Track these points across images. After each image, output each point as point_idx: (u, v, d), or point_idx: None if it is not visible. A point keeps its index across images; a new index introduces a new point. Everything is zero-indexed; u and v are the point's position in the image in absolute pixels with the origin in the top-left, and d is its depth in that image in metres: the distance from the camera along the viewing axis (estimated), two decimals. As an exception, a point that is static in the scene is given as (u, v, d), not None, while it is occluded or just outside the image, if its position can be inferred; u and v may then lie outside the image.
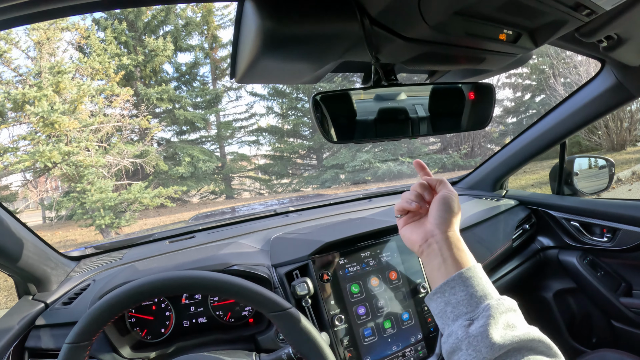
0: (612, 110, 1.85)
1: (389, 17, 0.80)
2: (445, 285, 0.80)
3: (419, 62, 0.95)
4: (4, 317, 1.34)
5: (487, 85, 1.01)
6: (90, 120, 11.59)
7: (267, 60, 0.84)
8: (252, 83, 1.04)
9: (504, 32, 0.85)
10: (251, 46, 0.80)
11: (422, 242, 0.89)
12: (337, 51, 0.88)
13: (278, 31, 0.75)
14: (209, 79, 20.41)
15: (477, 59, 0.97)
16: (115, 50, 15.77)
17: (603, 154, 12.79)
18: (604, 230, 2.03)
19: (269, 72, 0.94)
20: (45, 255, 1.53)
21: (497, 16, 0.78)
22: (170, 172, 16.49)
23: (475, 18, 0.78)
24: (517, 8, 0.76)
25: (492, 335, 0.69)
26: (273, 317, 1.06)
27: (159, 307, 1.45)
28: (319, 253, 1.48)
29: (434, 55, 0.92)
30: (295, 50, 0.84)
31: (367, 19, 0.80)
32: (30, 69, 12.27)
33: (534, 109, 19.93)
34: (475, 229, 1.98)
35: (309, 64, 0.93)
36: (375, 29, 0.82)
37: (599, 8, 0.80)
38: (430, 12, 0.74)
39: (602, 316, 2.12)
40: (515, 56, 1.01)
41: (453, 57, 0.95)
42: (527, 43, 0.91)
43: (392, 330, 1.49)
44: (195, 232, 2.01)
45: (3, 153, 11.02)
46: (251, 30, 0.77)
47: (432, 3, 0.72)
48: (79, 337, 0.98)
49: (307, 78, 1.03)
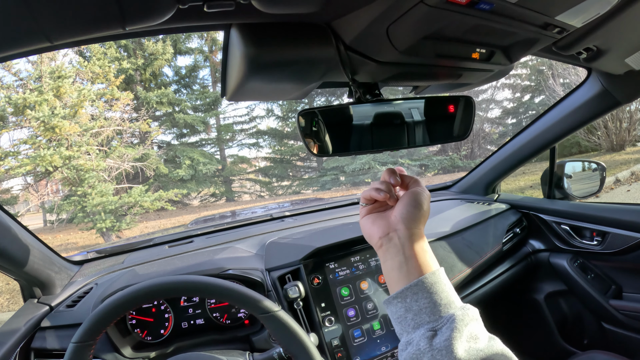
0: (600, 117, 1.89)
1: (361, 44, 0.85)
2: (407, 290, 0.75)
3: (397, 80, 0.99)
4: (11, 319, 1.40)
5: (467, 98, 1.04)
6: (90, 124, 11.56)
7: (253, 81, 0.88)
8: (241, 101, 1.09)
9: (476, 51, 0.87)
10: (238, 69, 0.85)
11: (383, 235, 0.82)
12: (317, 74, 0.93)
13: (261, 56, 0.81)
14: (208, 82, 20.37)
15: (453, 75, 1.00)
16: (115, 54, 15.72)
17: (602, 154, 12.79)
18: (593, 233, 2.07)
19: (257, 91, 0.98)
20: (50, 260, 1.58)
21: (467, 38, 0.81)
22: (170, 175, 16.46)
23: (444, 41, 0.81)
24: (485, 30, 0.79)
25: (457, 350, 0.65)
26: (263, 318, 1.11)
27: (159, 309, 1.50)
28: (310, 257, 1.54)
29: (410, 74, 0.96)
30: (278, 73, 0.89)
31: (342, 45, 0.86)
32: (30, 73, 12.24)
33: (533, 109, 19.87)
34: (464, 233, 2.02)
35: (291, 84, 0.98)
36: (350, 54, 0.87)
37: (569, 26, 0.82)
38: (398, 39, 0.78)
39: (593, 318, 2.15)
40: (493, 71, 1.04)
41: (430, 74, 0.98)
42: (502, 59, 0.93)
43: (381, 332, 1.54)
44: (193, 237, 2.06)
45: (4, 157, 11.03)
46: (237, 56, 0.83)
47: (399, 31, 0.76)
48: (84, 337, 1.03)
49: (293, 95, 1.07)
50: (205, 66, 19.90)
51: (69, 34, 0.62)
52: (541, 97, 19.24)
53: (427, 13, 0.69)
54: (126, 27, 0.62)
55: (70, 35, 0.63)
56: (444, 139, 1.06)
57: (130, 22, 0.62)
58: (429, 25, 0.73)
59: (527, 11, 0.73)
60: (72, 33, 0.63)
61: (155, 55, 17.05)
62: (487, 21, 0.74)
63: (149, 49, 17.05)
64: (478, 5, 0.67)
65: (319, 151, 0.90)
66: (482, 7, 0.68)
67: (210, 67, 20.07)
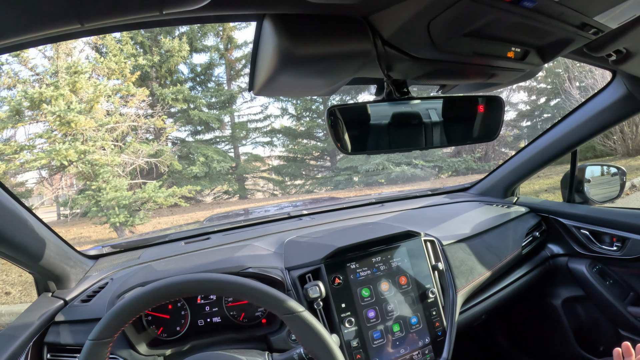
0: (623, 120, 1.86)
1: (399, 39, 0.83)
2: None
3: (429, 78, 0.98)
4: (24, 312, 1.39)
5: (497, 98, 1.03)
6: (106, 119, 11.65)
7: (283, 76, 0.87)
8: (268, 96, 1.08)
9: (511, 49, 0.86)
10: (269, 63, 0.83)
11: None
12: (351, 69, 0.91)
13: (294, 49, 0.79)
14: (223, 79, 20.39)
15: (486, 75, 0.99)
16: (131, 51, 15.81)
17: (618, 159, 12.66)
18: (613, 239, 2.03)
19: (285, 87, 0.97)
20: (65, 254, 1.57)
21: (505, 36, 0.80)
22: (184, 171, 16.52)
23: (483, 38, 0.80)
24: (524, 28, 0.78)
25: None
26: (287, 318, 1.09)
27: (175, 307, 1.49)
28: (331, 257, 1.51)
29: (443, 72, 0.95)
30: (310, 68, 0.87)
31: (379, 40, 0.84)
32: (47, 68, 12.33)
33: (548, 112, 19.70)
34: (484, 235, 1.99)
35: (323, 79, 0.96)
36: (387, 49, 0.85)
37: (605, 27, 0.81)
38: (438, 35, 0.77)
39: (610, 325, 2.12)
40: (524, 71, 1.03)
41: (463, 72, 0.97)
42: (535, 59, 0.92)
43: (401, 334, 1.52)
44: (210, 233, 2.04)
45: (20, 151, 11.11)
46: (269, 49, 0.81)
47: (440, 26, 0.75)
48: (101, 334, 1.01)
49: (321, 92, 1.06)
50: (220, 64, 19.95)
51: (102, 15, 0.60)
52: (557, 100, 19.06)
53: (471, 8, 0.68)
54: (164, 10, 0.61)
55: (104, 16, 0.61)
56: (475, 139, 1.05)
57: (168, 5, 0.61)
58: (470, 21, 0.72)
59: (567, 10, 0.72)
60: (106, 14, 0.61)
61: (171, 52, 17.09)
62: (527, 19, 0.73)
63: (165, 45, 17.10)
64: (521, 2, 0.66)
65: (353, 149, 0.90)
66: (525, 5, 0.67)
67: (225, 65, 20.11)
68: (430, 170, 17.82)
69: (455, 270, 1.73)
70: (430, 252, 1.69)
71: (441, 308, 1.61)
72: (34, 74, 12.58)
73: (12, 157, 10.82)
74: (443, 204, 2.39)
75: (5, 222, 1.25)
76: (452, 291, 1.67)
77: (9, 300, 7.03)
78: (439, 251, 1.72)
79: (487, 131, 1.04)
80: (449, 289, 1.67)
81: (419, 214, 2.24)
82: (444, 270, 1.68)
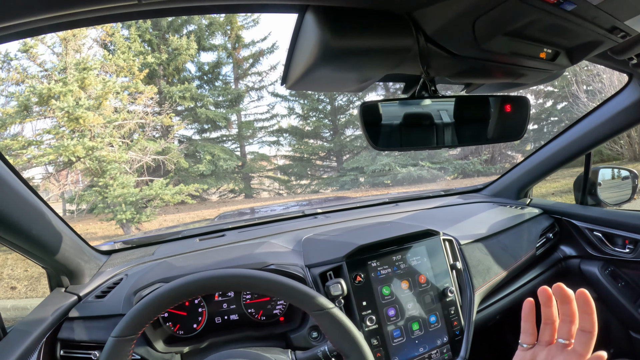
0: (638, 123, 1.86)
1: (443, 36, 0.84)
2: None
3: (461, 75, 0.99)
4: (37, 308, 1.37)
5: (523, 98, 1.04)
6: (114, 116, 11.70)
7: (321, 69, 0.88)
8: (301, 90, 1.08)
9: (544, 50, 0.88)
10: (307, 56, 0.84)
11: None
12: (389, 64, 0.91)
13: (336, 44, 0.79)
14: (231, 78, 20.44)
15: (515, 74, 1.00)
16: (140, 49, 15.86)
17: (624, 163, 12.60)
18: (626, 241, 2.03)
19: (320, 81, 0.97)
20: (80, 249, 1.56)
21: (540, 36, 0.82)
22: (190, 169, 16.57)
23: (520, 38, 0.81)
24: (559, 29, 0.79)
25: None
26: (316, 315, 1.08)
27: (192, 303, 1.48)
28: (352, 255, 1.51)
29: (475, 70, 0.95)
30: (349, 62, 0.87)
31: (422, 36, 0.84)
32: (55, 64, 12.38)
33: (555, 116, 19.65)
34: (500, 236, 1.99)
35: (359, 74, 0.97)
36: (429, 46, 0.86)
37: (633, 31, 0.83)
38: (482, 34, 0.78)
39: (621, 327, 2.12)
40: (551, 72, 1.04)
41: (494, 71, 0.98)
42: (564, 61, 0.94)
43: (420, 332, 1.52)
44: (224, 230, 2.04)
45: (27, 146, 11.15)
46: (309, 41, 0.82)
47: (485, 25, 0.76)
48: (125, 331, 1.00)
49: (353, 87, 1.07)
50: (228, 63, 19.99)
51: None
52: (564, 103, 19.01)
53: (516, 8, 0.69)
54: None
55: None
56: (503, 138, 1.06)
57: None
58: (514, 20, 0.74)
59: (601, 13, 0.73)
60: None
61: (179, 51, 17.14)
62: (564, 20, 0.75)
63: (173, 44, 17.15)
64: (562, 4, 0.67)
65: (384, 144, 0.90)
66: (565, 7, 0.69)
67: (233, 64, 20.14)
68: (436, 172, 17.77)
69: (472, 269, 1.73)
70: (448, 251, 1.69)
71: (459, 307, 1.62)
72: (42, 70, 12.61)
73: (20, 152, 10.85)
74: (457, 204, 2.39)
75: (23, 215, 1.22)
76: (470, 290, 1.67)
77: (15, 295, 7.06)
78: (456, 250, 1.72)
79: (514, 130, 1.04)
80: (467, 288, 1.67)
81: (434, 213, 2.24)
82: (462, 270, 1.69)
